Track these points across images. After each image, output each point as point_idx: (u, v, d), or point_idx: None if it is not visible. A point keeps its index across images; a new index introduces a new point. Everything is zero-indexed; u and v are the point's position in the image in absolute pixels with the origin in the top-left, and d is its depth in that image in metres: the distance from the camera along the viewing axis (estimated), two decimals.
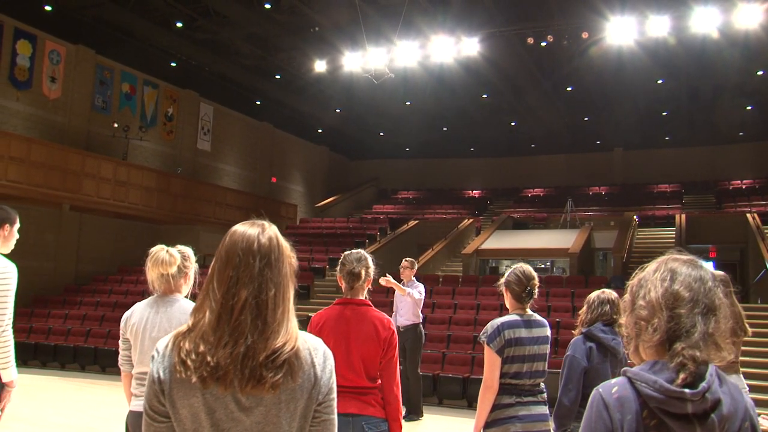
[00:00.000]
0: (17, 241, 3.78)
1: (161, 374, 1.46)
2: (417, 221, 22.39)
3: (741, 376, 4.54)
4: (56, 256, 16.14)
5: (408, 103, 23.15)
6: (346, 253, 3.22)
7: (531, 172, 27.95)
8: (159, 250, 3.10)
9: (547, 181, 27.48)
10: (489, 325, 3.31)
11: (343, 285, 3.20)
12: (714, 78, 19.59)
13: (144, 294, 15.08)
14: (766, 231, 16.97)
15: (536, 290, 3.38)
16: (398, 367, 3.12)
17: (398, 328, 7.92)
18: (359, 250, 3.26)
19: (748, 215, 18.09)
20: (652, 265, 1.52)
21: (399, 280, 7.96)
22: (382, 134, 28.14)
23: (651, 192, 25.26)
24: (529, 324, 3.30)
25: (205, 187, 19.94)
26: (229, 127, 22.38)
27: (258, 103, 23.01)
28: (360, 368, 3.02)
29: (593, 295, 3.73)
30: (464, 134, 27.18)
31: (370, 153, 30.03)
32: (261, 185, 23.77)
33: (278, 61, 19.56)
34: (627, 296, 1.53)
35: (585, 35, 14.91)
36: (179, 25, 17.36)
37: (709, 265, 1.54)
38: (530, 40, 15.41)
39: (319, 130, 26.79)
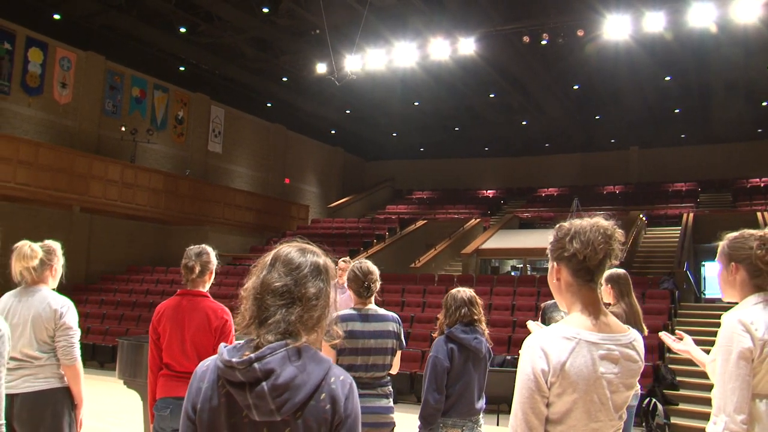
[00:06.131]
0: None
1: None
2: (426, 221, 22.40)
3: None
4: (67, 256, 16.53)
5: (416, 104, 23.22)
6: (188, 247, 3.39)
7: (546, 171, 27.65)
8: (22, 246, 3.34)
9: (561, 180, 27.14)
10: None
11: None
12: (723, 74, 19.20)
13: (147, 293, 15.22)
14: None
15: (376, 284, 3.44)
16: None
17: None
18: (202, 245, 3.42)
19: (758, 214, 17.68)
20: (273, 251, 1.64)
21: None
22: (395, 135, 28.24)
23: (666, 191, 24.79)
24: (366, 318, 3.38)
25: (214, 188, 20.29)
26: (241, 130, 22.73)
27: (269, 105, 23.33)
28: (193, 355, 3.21)
29: (449, 295, 3.77)
30: (477, 134, 27.10)
31: (386, 153, 30.12)
32: (274, 186, 24.05)
33: (283, 63, 19.85)
34: None
35: (581, 33, 14.80)
36: (183, 30, 17.78)
37: (319, 253, 1.62)
38: (526, 39, 15.35)
39: (333, 131, 26.98)
